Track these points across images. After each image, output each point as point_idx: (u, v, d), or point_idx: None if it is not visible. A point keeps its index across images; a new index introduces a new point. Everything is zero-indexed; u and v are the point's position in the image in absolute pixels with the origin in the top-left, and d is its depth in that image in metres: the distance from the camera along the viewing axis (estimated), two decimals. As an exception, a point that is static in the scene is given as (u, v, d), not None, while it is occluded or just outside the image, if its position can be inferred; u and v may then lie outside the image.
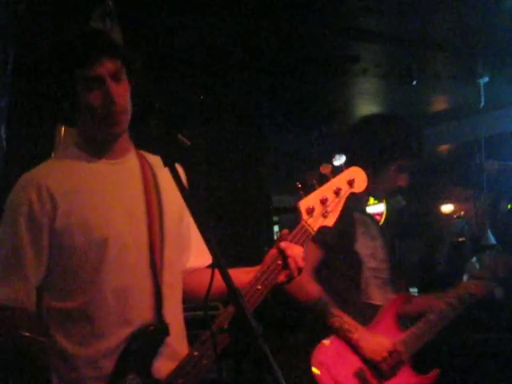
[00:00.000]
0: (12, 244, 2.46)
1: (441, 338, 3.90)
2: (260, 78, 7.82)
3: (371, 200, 16.92)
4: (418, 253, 11.45)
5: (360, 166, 3.96)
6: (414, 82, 8.10)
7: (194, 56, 7.05)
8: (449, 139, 11.19)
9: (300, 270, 2.61)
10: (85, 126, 2.55)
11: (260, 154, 7.00)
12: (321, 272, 3.77)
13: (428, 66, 8.27)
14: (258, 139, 7.20)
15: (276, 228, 15.98)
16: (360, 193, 4.00)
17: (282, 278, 2.59)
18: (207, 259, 2.76)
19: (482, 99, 8.59)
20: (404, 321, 3.88)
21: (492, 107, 9.11)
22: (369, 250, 3.90)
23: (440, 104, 10.67)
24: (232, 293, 2.05)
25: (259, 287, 2.52)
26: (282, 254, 2.57)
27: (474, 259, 8.57)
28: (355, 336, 3.62)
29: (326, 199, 2.65)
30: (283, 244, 2.60)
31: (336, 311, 3.65)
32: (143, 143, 2.57)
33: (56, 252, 2.47)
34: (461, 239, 10.35)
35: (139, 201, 2.55)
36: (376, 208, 15.88)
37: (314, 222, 2.64)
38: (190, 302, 2.82)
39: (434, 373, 3.79)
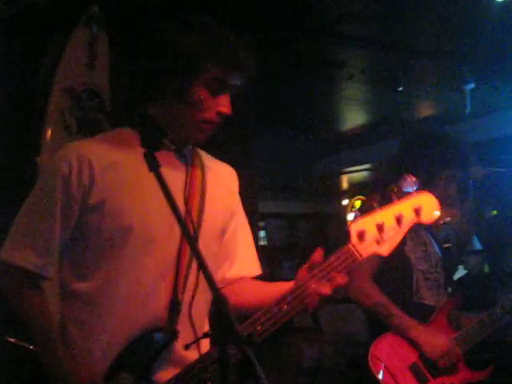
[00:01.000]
0: (44, 209, 2.40)
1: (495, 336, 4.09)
2: (246, 83, 7.82)
3: (357, 206, 16.88)
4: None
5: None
6: (400, 88, 8.13)
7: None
8: (435, 145, 11.21)
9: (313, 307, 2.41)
10: (173, 114, 2.44)
11: (246, 158, 6.99)
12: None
13: (414, 72, 8.31)
14: (244, 144, 7.18)
15: (262, 233, 15.99)
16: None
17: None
18: (253, 269, 2.73)
19: (468, 105, 8.63)
20: (457, 322, 4.01)
21: (478, 113, 9.16)
22: (419, 253, 4.06)
23: (426, 110, 10.72)
24: (217, 299, 2.02)
25: (285, 307, 2.37)
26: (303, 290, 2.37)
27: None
28: (414, 333, 3.80)
29: (384, 225, 2.37)
30: (307, 277, 2.40)
31: (395, 311, 3.83)
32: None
33: (83, 228, 2.41)
34: (447, 245, 10.37)
35: (179, 198, 2.39)
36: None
37: (364, 248, 2.38)
38: None
39: (488, 369, 3.97)
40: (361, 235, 2.38)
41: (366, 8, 6.63)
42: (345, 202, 16.57)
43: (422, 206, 2.43)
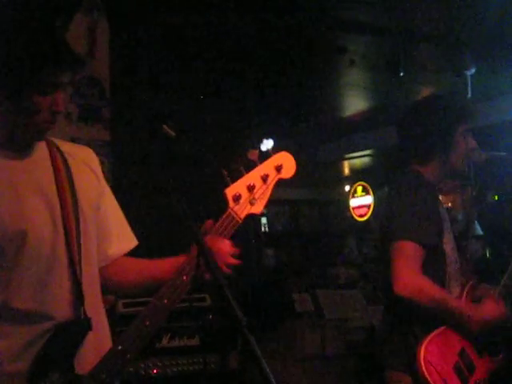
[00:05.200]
0: None
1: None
2: (247, 70, 7.82)
3: (359, 191, 16.82)
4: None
5: (430, 147, 3.91)
6: (401, 74, 8.12)
7: (181, 47, 7.05)
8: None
9: (229, 266, 2.58)
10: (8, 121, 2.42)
11: (247, 144, 7.00)
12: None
13: (415, 57, 8.29)
14: (246, 130, 7.20)
15: (264, 220, 16.02)
16: (435, 182, 3.97)
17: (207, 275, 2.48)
18: (129, 243, 2.78)
19: (469, 90, 8.61)
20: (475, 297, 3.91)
21: (479, 98, 9.14)
22: (451, 244, 3.83)
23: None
24: (217, 284, 2.05)
25: (185, 278, 2.48)
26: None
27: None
28: (475, 326, 3.61)
29: (254, 186, 2.61)
30: (208, 239, 2.50)
31: (455, 304, 3.64)
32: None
33: None
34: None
35: (52, 191, 2.46)
36: (363, 200, 15.94)
37: (241, 210, 2.59)
38: (113, 292, 2.79)
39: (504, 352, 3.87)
40: (236, 198, 2.59)
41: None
42: (346, 187, 16.59)
43: (282, 163, 2.70)
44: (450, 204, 11.25)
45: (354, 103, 11.41)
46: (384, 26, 7.39)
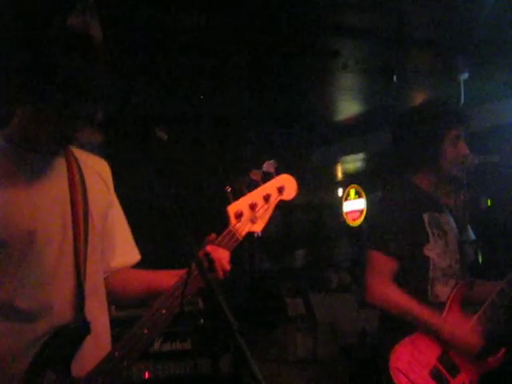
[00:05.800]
0: None
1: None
2: (239, 75, 7.82)
3: (352, 195, 16.84)
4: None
5: (418, 152, 3.92)
6: (395, 78, 8.13)
7: (176, 50, 7.05)
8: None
9: (226, 273, 2.63)
10: (40, 121, 2.46)
11: (240, 149, 7.02)
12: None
13: (408, 62, 8.31)
14: (238, 135, 7.21)
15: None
16: (430, 187, 3.99)
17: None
18: (132, 258, 2.84)
19: (462, 95, 8.63)
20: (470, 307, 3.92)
21: (472, 103, 9.15)
22: (440, 249, 3.91)
23: (420, 100, 10.71)
24: (210, 289, 2.06)
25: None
26: (208, 258, 2.53)
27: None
28: (447, 335, 3.67)
29: (255, 205, 2.67)
30: (209, 248, 2.59)
31: (422, 315, 3.70)
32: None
33: None
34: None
35: (65, 195, 2.51)
36: (356, 204, 15.91)
37: (242, 227, 2.66)
38: (111, 302, 2.81)
39: (501, 352, 3.85)
40: (238, 216, 2.66)
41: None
42: (339, 191, 16.57)
43: (284, 185, 2.79)
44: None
45: (347, 107, 11.40)
46: (377, 30, 7.40)
